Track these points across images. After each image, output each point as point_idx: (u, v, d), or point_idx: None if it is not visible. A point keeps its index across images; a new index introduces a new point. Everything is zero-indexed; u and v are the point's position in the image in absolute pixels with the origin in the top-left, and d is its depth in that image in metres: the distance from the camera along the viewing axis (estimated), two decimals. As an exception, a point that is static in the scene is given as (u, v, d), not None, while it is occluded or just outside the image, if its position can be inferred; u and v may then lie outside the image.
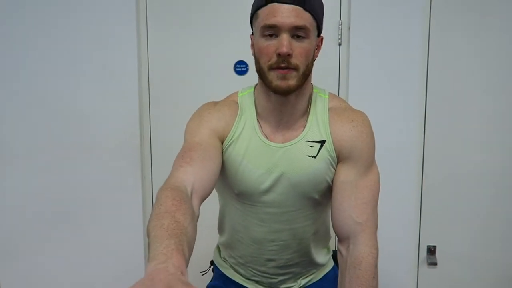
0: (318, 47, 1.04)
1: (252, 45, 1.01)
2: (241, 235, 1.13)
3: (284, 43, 0.92)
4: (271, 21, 0.92)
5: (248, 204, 1.08)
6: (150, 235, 0.67)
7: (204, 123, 1.03)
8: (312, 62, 1.01)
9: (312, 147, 1.03)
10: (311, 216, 1.10)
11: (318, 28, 0.99)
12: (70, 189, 1.88)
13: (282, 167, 1.03)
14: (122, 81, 1.82)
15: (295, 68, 0.95)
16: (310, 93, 1.08)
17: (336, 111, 1.06)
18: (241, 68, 1.81)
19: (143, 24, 1.82)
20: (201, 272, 1.31)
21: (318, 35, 1.01)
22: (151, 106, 1.87)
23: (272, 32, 0.93)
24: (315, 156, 1.02)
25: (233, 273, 1.22)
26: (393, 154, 1.77)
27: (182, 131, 1.06)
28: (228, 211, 1.15)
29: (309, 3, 0.94)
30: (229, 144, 1.04)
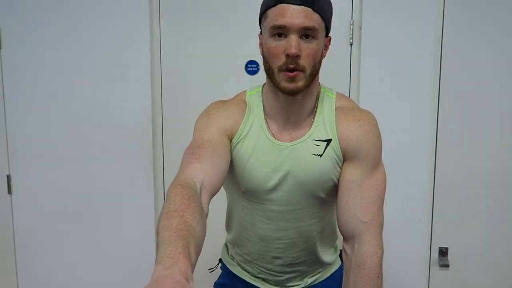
0: (326, 47, 1.04)
1: (261, 44, 1.02)
2: (248, 233, 1.14)
3: (293, 44, 0.92)
4: (280, 22, 0.92)
5: (255, 202, 1.09)
6: (159, 235, 0.69)
7: (213, 121, 1.05)
8: (320, 62, 1.01)
9: (318, 146, 1.03)
10: (317, 215, 1.11)
11: (327, 29, 1.00)
12: (85, 186, 1.93)
13: (288, 166, 1.04)
14: (135, 81, 1.86)
15: (302, 70, 0.95)
16: (318, 93, 1.08)
17: (343, 111, 1.06)
18: (252, 68, 1.82)
19: (156, 25, 1.85)
20: (209, 269, 1.33)
21: (326, 35, 1.02)
22: (164, 105, 1.89)
23: (281, 33, 0.94)
24: (321, 155, 1.03)
25: (240, 271, 1.23)
26: (405, 155, 1.75)
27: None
28: (236, 209, 1.16)
29: (318, 4, 0.94)
30: (237, 142, 1.05)
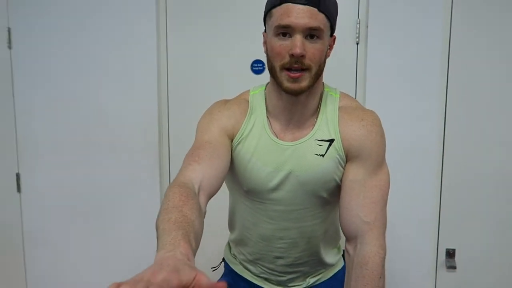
0: (331, 47, 1.03)
1: (265, 43, 1.02)
2: (250, 232, 1.14)
3: (298, 44, 0.92)
4: (285, 22, 0.92)
5: (257, 202, 1.09)
6: (159, 229, 0.69)
7: (214, 122, 1.05)
8: (324, 62, 1.01)
9: (321, 146, 1.03)
10: (320, 215, 1.10)
11: (331, 28, 0.99)
12: (91, 185, 1.95)
13: (291, 165, 1.03)
14: (142, 81, 1.87)
15: (308, 69, 0.95)
16: (321, 92, 1.08)
17: (346, 110, 1.06)
18: (258, 67, 1.82)
19: (163, 25, 1.86)
20: (212, 268, 1.33)
21: (331, 35, 1.01)
22: (170, 105, 1.90)
23: (286, 32, 0.93)
24: (323, 155, 1.02)
25: (242, 270, 1.23)
26: (412, 155, 1.74)
27: (200, 130, 1.08)
28: (238, 208, 1.16)
29: (324, 4, 0.93)
30: (239, 142, 1.05)
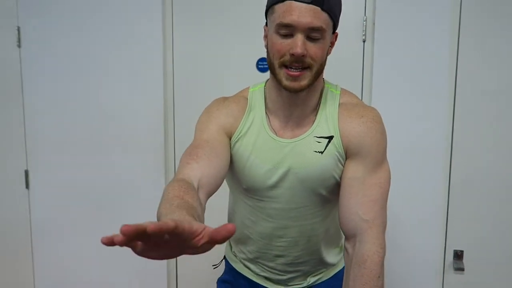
0: (332, 44, 1.02)
1: (265, 37, 1.01)
2: (250, 230, 1.14)
3: (299, 44, 0.90)
4: (287, 20, 0.90)
5: (256, 199, 1.08)
6: (161, 215, 0.70)
7: (213, 120, 1.05)
8: (325, 60, 0.99)
9: (320, 143, 1.01)
10: (320, 213, 1.09)
11: (334, 26, 0.98)
12: (98, 183, 1.97)
13: (289, 162, 1.02)
14: (148, 80, 1.88)
15: (309, 67, 0.94)
16: (322, 89, 1.06)
17: (346, 107, 1.04)
18: (264, 65, 1.81)
19: (169, 23, 1.86)
20: (213, 266, 1.33)
21: (333, 32, 1.00)
22: (175, 104, 1.91)
23: (287, 32, 0.92)
24: (322, 152, 1.01)
25: (243, 268, 1.22)
26: (419, 155, 1.71)
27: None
28: (238, 206, 1.16)
29: (328, 3, 0.91)
30: (237, 140, 1.05)
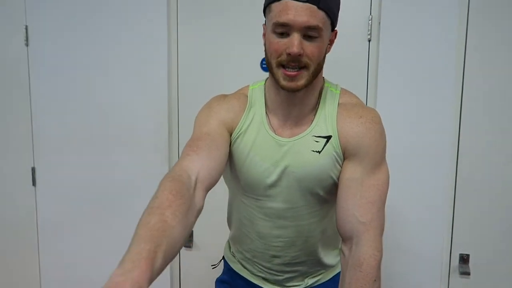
0: (331, 42, 1.01)
1: (264, 35, 1.00)
2: (248, 229, 1.13)
3: (295, 43, 0.90)
4: (283, 19, 0.90)
5: (254, 198, 1.08)
6: (135, 231, 0.69)
7: (213, 114, 1.04)
8: (324, 59, 0.98)
9: (318, 142, 1.00)
10: (317, 214, 1.07)
11: (332, 24, 0.96)
12: (103, 181, 1.98)
13: (287, 161, 1.01)
14: (153, 80, 1.88)
15: (306, 67, 0.93)
16: (321, 88, 1.05)
17: (346, 107, 1.03)
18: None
19: (173, 23, 1.87)
20: (212, 266, 1.32)
21: (333, 29, 0.98)
22: (180, 103, 1.91)
23: (284, 31, 0.91)
24: (320, 152, 1.00)
25: (241, 268, 1.22)
26: (424, 156, 1.68)
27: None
28: (236, 205, 1.15)
29: (324, 1, 0.90)
30: (237, 136, 1.04)
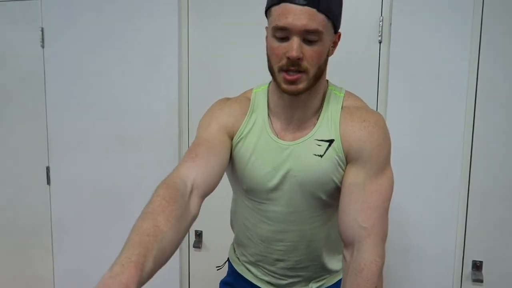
0: (335, 44, 0.99)
1: (267, 37, 1.00)
2: (251, 233, 1.13)
3: (294, 47, 0.89)
4: (282, 23, 0.89)
5: (256, 201, 1.07)
6: (128, 236, 0.71)
7: (214, 119, 1.05)
8: (326, 62, 0.97)
9: (320, 146, 0.99)
10: (319, 218, 1.06)
11: (334, 26, 0.95)
12: (115, 180, 2.02)
13: (289, 165, 1.01)
14: (164, 81, 1.91)
15: (305, 71, 0.92)
16: (325, 91, 1.04)
17: (349, 110, 1.02)
18: (278, 67, 1.79)
19: (184, 23, 1.88)
20: (217, 267, 1.33)
21: (336, 31, 0.97)
22: (190, 105, 1.92)
23: (283, 35, 0.91)
24: (322, 155, 0.99)
25: (244, 270, 1.22)
26: (437, 160, 1.65)
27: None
28: (239, 208, 1.15)
29: (324, 3, 0.89)
30: (239, 140, 1.04)
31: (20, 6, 2.02)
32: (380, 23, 1.67)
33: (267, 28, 0.99)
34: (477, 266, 1.69)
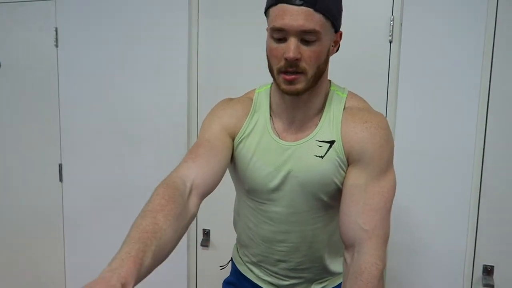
0: (336, 43, 0.98)
1: (267, 39, 1.00)
2: (253, 233, 1.13)
3: (291, 48, 0.89)
4: (279, 24, 0.89)
5: (258, 202, 1.07)
6: (128, 233, 0.73)
7: (216, 119, 1.05)
8: (326, 62, 0.97)
9: (321, 147, 0.99)
10: (321, 219, 1.06)
11: (334, 25, 0.94)
12: (125, 178, 2.04)
13: (290, 166, 1.01)
14: (173, 81, 1.92)
15: (303, 72, 0.92)
16: (327, 92, 1.03)
17: (351, 111, 1.01)
18: (286, 66, 1.79)
19: (194, 24, 1.89)
20: (220, 267, 1.33)
21: (336, 31, 0.96)
22: (199, 106, 1.93)
23: (281, 36, 0.90)
24: (323, 157, 0.98)
25: (247, 271, 1.22)
26: (448, 162, 1.62)
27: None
28: (241, 208, 1.15)
29: (321, 3, 0.88)
30: (240, 141, 1.05)
31: (34, 7, 2.06)
32: (391, 23, 1.64)
33: (267, 29, 0.99)
34: (488, 271, 1.65)
